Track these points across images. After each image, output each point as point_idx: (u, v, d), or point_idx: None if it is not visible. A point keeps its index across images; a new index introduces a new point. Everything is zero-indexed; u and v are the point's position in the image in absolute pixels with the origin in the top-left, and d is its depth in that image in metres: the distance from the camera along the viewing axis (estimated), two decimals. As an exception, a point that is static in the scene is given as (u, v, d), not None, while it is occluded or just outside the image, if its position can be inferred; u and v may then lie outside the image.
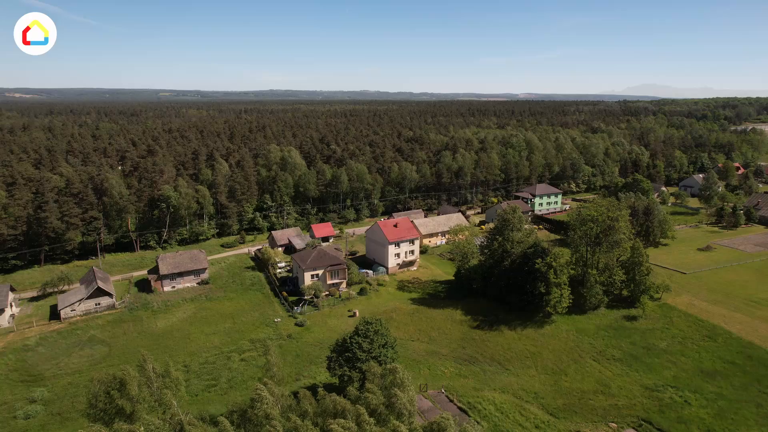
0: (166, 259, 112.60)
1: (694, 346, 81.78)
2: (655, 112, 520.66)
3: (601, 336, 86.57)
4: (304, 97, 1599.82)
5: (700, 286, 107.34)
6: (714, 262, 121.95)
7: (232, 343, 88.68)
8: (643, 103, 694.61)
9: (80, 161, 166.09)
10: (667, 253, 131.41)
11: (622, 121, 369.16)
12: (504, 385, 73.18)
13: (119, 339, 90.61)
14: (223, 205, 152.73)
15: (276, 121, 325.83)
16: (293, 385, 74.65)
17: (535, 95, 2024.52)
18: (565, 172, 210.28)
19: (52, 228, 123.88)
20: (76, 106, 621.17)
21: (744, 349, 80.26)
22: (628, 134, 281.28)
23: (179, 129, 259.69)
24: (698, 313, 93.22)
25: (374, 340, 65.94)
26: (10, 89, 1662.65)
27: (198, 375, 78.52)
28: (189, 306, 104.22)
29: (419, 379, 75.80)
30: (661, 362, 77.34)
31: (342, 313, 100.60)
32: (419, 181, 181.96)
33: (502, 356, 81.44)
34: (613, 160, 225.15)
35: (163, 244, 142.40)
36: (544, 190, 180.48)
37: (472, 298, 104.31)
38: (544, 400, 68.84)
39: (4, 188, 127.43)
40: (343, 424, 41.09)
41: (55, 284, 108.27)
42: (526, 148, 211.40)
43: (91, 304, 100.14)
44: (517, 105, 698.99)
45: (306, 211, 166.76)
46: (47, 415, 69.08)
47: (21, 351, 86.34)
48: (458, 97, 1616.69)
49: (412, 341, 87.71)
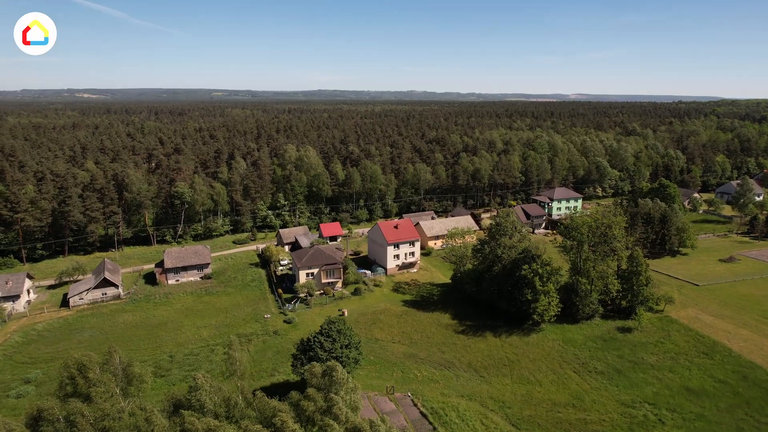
0: (171, 253, 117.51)
1: (687, 363, 77.17)
2: (707, 114, 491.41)
3: (589, 347, 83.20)
4: (352, 97, 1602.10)
5: (711, 299, 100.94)
6: (734, 275, 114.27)
7: (219, 336, 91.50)
8: (696, 104, 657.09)
9: (110, 159, 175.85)
10: (685, 263, 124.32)
11: (665, 123, 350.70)
12: (473, 392, 71.80)
13: (117, 327, 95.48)
14: (238, 202, 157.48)
15: (304, 122, 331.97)
16: (266, 380, 76.41)
17: (586, 96, 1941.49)
18: (591, 176, 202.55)
19: (75, 221, 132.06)
20: (132, 106, 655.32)
21: (741, 368, 74.96)
22: (666, 137, 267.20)
23: (209, 128, 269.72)
24: (700, 328, 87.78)
25: (336, 340, 66.35)
26: (79, 89, 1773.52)
27: (180, 365, 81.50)
28: (188, 299, 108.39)
29: (390, 381, 75.74)
30: (645, 378, 73.53)
31: (331, 311, 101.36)
32: (434, 182, 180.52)
33: (479, 363, 79.86)
34: (644, 164, 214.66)
35: (178, 239, 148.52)
36: (564, 194, 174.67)
37: (465, 302, 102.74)
38: (510, 410, 67.06)
39: (34, 183, 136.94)
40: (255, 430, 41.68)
41: (70, 274, 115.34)
42: (549, 151, 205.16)
43: (98, 293, 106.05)
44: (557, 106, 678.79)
45: (319, 210, 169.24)
46: (36, 395, 73.76)
47: (28, 334, 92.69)
48: (506, 98, 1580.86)
49: (393, 343, 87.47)
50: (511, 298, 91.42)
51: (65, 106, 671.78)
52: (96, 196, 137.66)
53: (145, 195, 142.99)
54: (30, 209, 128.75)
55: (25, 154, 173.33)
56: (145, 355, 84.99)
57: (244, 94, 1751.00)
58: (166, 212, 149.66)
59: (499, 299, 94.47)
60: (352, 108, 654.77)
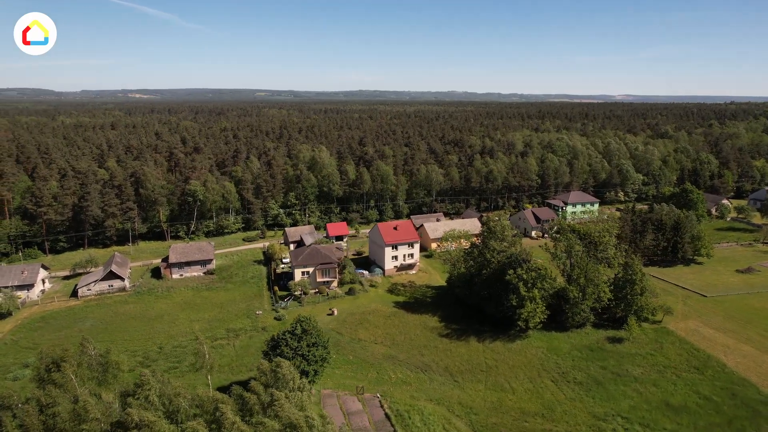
0: (176, 249, 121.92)
1: (674, 377, 73.67)
2: (756, 116, 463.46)
3: (573, 356, 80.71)
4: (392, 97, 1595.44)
5: (717, 311, 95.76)
6: (748, 286, 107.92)
7: (210, 330, 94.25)
8: (748, 105, 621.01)
9: (134, 157, 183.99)
10: (697, 272, 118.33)
11: (704, 125, 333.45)
12: (443, 396, 71.11)
13: (118, 318, 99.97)
14: (249, 201, 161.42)
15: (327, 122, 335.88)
16: (245, 374, 78.11)
17: (633, 97, 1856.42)
18: (612, 180, 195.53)
19: (93, 216, 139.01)
20: (175, 106, 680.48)
21: (732, 385, 70.90)
22: (701, 140, 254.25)
23: (233, 128, 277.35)
24: (697, 341, 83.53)
25: (303, 338, 67.29)
26: (132, 90, 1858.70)
27: (167, 357, 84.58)
28: (187, 293, 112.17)
29: (364, 381, 76.07)
30: (625, 390, 70.70)
31: (323, 310, 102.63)
32: (445, 184, 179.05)
33: (456, 367, 78.92)
34: (672, 168, 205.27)
35: (191, 235, 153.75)
36: (579, 198, 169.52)
37: (456, 305, 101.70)
38: (476, 417, 66.05)
39: (57, 179, 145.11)
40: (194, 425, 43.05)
41: (83, 266, 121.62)
42: (569, 154, 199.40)
43: (105, 285, 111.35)
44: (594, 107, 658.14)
45: (329, 210, 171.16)
46: (30, 379, 78.37)
47: (36, 321, 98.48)
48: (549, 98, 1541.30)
49: (375, 344, 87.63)
50: (499, 302, 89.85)
51: (116, 106, 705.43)
52: (114, 193, 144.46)
53: (159, 192, 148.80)
54: (53, 204, 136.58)
55: (57, 152, 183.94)
56: (137, 345, 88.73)
57: (287, 95, 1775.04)
58: (181, 209, 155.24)
59: (488, 303, 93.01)
60: (387, 108, 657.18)
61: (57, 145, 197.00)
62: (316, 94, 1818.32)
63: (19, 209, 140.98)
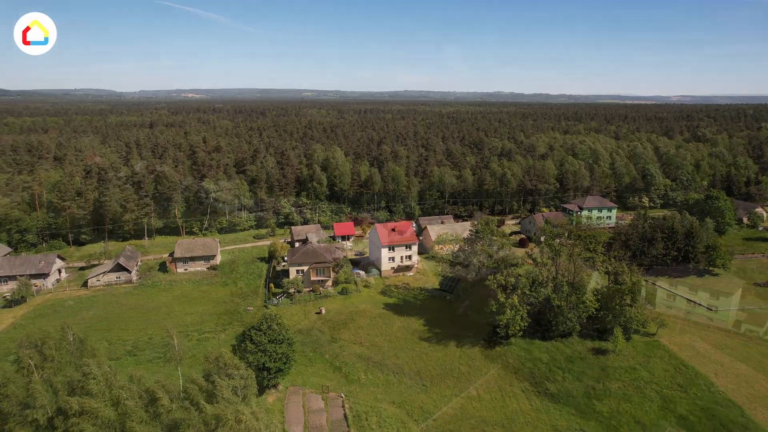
0: (182, 244, 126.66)
1: (652, 394, 70.10)
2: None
3: (551, 366, 78.18)
4: (437, 98, 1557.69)
5: (721, 326, 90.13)
6: (762, 301, 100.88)
7: (200, 323, 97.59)
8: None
9: (158, 155, 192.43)
10: (710, 284, 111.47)
11: (752, 127, 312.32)
12: (406, 400, 70.77)
13: (119, 308, 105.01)
14: (261, 199, 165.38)
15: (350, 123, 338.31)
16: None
17: (690, 98, 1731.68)
18: (636, 185, 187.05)
19: (112, 210, 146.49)
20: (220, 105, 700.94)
21: (714, 405, 66.75)
22: (742, 143, 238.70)
23: (259, 128, 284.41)
24: (688, 357, 79.05)
25: (266, 334, 68.67)
26: (185, 90, 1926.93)
27: (154, 347, 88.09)
28: (188, 287, 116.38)
29: (333, 380, 76.79)
30: (595, 405, 67.98)
31: (313, 308, 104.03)
32: (458, 186, 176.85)
33: (428, 372, 78.21)
34: (704, 173, 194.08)
35: (204, 231, 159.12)
36: (596, 202, 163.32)
37: (444, 309, 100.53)
38: (434, 422, 65.42)
39: (82, 175, 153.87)
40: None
41: (97, 257, 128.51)
42: (590, 157, 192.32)
43: (113, 277, 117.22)
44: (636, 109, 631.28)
45: (340, 209, 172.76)
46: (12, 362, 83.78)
47: (46, 308, 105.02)
48: (600, 100, 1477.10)
49: (354, 344, 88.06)
50: (481, 308, 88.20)
51: (167, 105, 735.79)
52: (133, 189, 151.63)
53: (174, 188, 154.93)
54: (76, 198, 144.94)
55: (89, 150, 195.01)
56: (130, 335, 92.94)
57: (332, 95, 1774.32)
58: (198, 205, 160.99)
59: (471, 309, 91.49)
60: (427, 109, 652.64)
61: (91, 143, 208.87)
62: (361, 95, 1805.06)
63: (48, 203, 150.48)
